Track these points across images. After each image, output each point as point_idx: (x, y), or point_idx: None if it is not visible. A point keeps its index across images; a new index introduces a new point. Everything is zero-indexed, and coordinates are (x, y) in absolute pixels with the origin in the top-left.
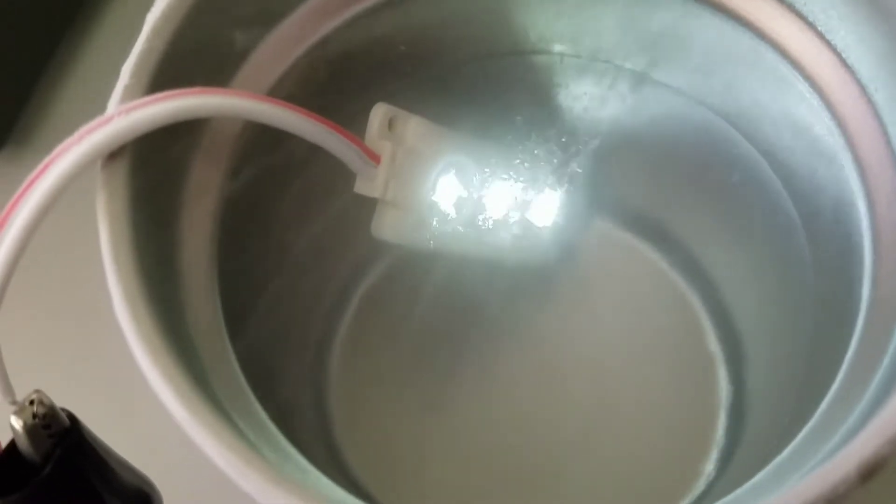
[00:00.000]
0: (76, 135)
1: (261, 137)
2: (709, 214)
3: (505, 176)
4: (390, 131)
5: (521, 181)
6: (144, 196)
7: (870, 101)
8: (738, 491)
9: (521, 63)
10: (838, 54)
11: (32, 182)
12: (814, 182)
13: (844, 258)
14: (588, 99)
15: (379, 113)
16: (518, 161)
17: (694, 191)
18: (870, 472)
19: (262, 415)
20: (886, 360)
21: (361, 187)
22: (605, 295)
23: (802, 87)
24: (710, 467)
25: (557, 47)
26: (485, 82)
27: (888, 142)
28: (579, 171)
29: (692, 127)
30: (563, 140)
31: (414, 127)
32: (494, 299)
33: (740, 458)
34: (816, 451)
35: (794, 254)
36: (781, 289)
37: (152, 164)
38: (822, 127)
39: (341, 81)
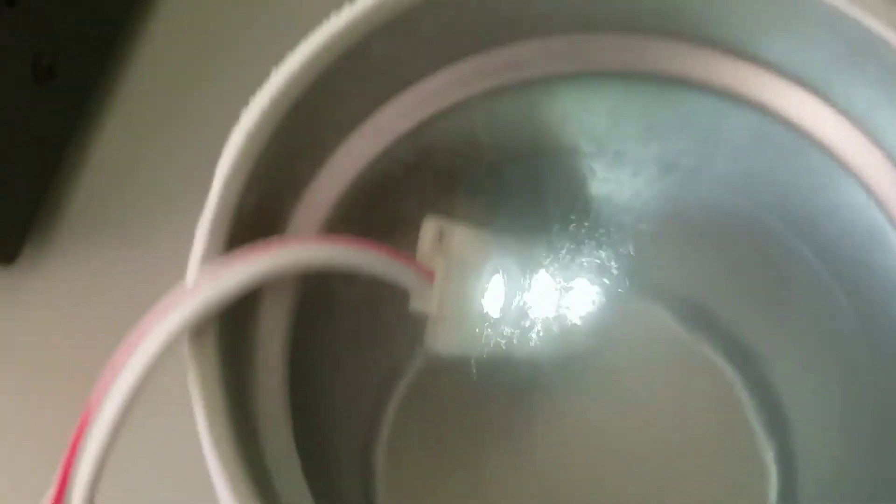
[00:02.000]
0: (158, 309)
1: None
2: (756, 304)
3: (546, 272)
4: (439, 245)
5: (561, 275)
6: (229, 360)
7: None
8: None
9: (555, 162)
10: (884, 149)
11: (117, 367)
12: (865, 275)
13: None
14: (621, 191)
15: (430, 228)
16: (558, 256)
17: (739, 280)
18: None
19: None
20: None
21: (417, 304)
22: (649, 384)
23: (846, 180)
24: None
25: (588, 146)
26: (520, 183)
27: None
28: (613, 264)
29: (733, 217)
30: (599, 231)
31: (460, 237)
32: (537, 392)
33: None
34: None
35: (850, 354)
36: (839, 388)
37: (230, 324)
38: (869, 219)
39: (384, 194)
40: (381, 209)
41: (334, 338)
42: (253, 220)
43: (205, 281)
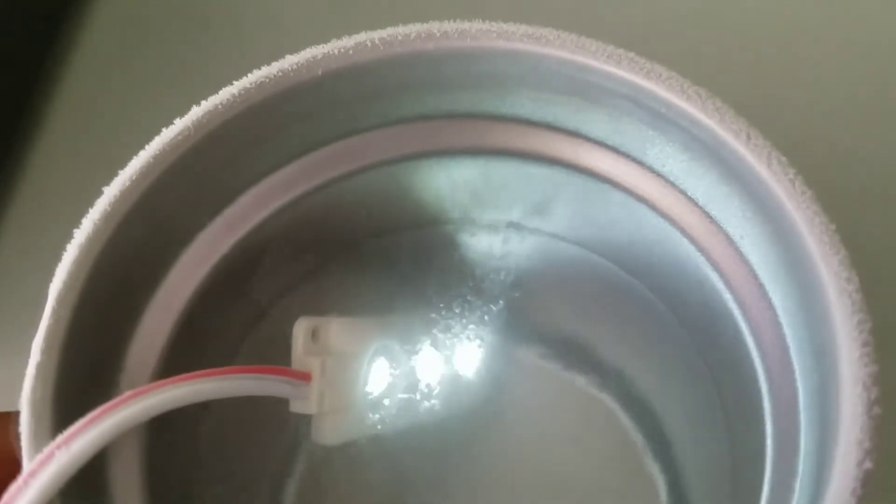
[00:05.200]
0: (20, 480)
1: None
2: (621, 340)
3: (428, 341)
4: (314, 342)
5: (443, 341)
6: None
7: (737, 248)
8: None
9: (424, 234)
10: (702, 209)
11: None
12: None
13: (744, 390)
14: (491, 253)
15: (301, 328)
16: (438, 323)
17: (602, 319)
18: None
19: None
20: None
21: (297, 407)
22: (541, 425)
23: (676, 236)
24: None
25: (456, 214)
26: (391, 257)
27: (757, 281)
28: (491, 321)
29: (592, 272)
30: (476, 293)
31: (336, 330)
32: (438, 455)
33: None
34: None
35: (700, 384)
36: (697, 409)
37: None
38: (700, 272)
39: (253, 275)
40: (231, 313)
41: (199, 461)
42: (89, 352)
43: (57, 451)
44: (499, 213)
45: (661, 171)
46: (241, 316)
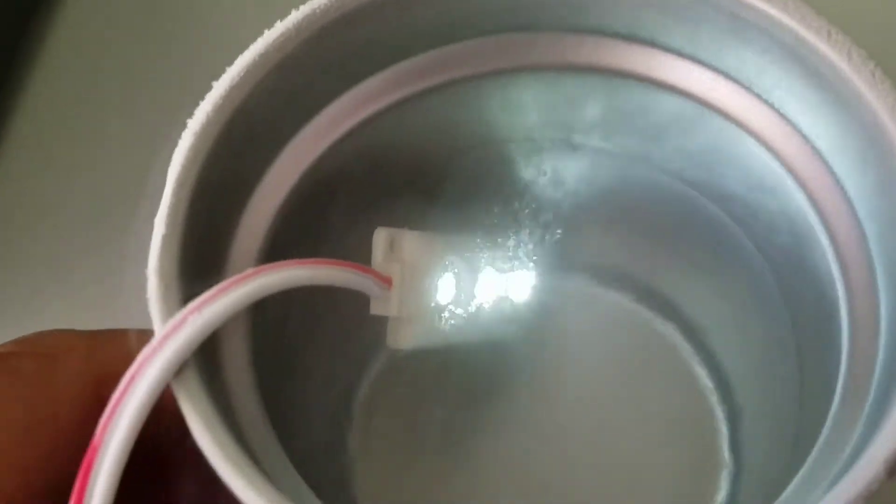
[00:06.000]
0: (155, 341)
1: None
2: (685, 267)
3: (490, 263)
4: (391, 251)
5: (504, 264)
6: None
7: (814, 150)
8: None
9: (488, 156)
10: (777, 111)
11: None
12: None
13: (819, 309)
14: (552, 175)
15: (381, 236)
16: (499, 246)
17: (674, 253)
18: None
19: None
20: (867, 408)
21: (377, 309)
22: (594, 351)
23: (752, 144)
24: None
25: (514, 133)
26: (452, 182)
27: (839, 184)
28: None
29: (655, 191)
30: (536, 218)
31: (410, 242)
32: (494, 372)
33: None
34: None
35: (769, 304)
36: (763, 336)
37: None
38: (775, 177)
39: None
40: (317, 223)
41: (296, 340)
42: (202, 234)
43: (191, 315)
44: (564, 131)
45: (737, 78)
46: (325, 225)
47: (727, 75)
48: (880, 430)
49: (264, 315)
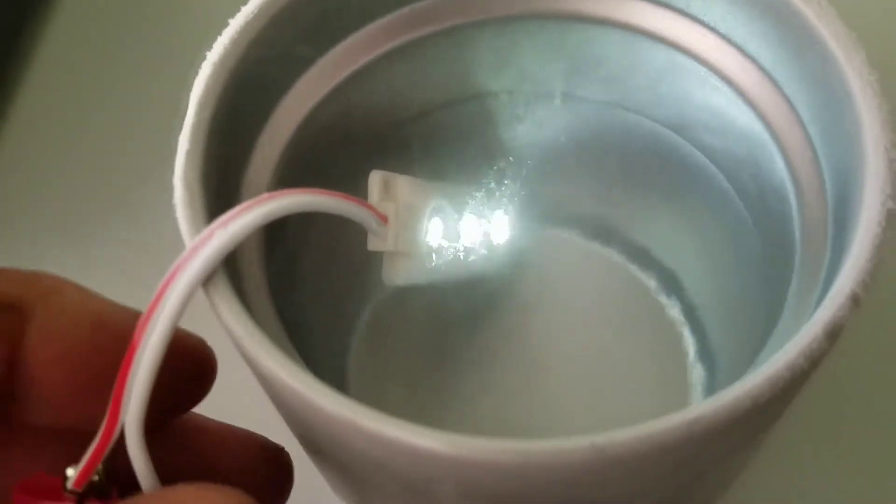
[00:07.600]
0: (187, 252)
1: None
2: (652, 207)
3: (472, 208)
4: (385, 192)
5: (484, 209)
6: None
7: (772, 80)
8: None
9: (474, 107)
10: (738, 47)
11: (157, 301)
12: (739, 159)
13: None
14: (529, 125)
15: (376, 180)
16: (482, 192)
17: (648, 194)
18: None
19: None
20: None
21: (374, 244)
22: (569, 289)
23: (713, 79)
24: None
25: (495, 86)
26: (439, 132)
27: (798, 120)
28: (534, 194)
29: (625, 131)
30: (514, 166)
31: (403, 185)
32: (477, 309)
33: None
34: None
35: (745, 247)
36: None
37: None
38: (738, 109)
39: (319, 150)
40: (318, 164)
41: (307, 268)
42: (220, 157)
43: (218, 229)
44: (538, 82)
45: (704, 20)
46: (325, 174)
47: (695, 19)
48: (823, 305)
49: (284, 247)
